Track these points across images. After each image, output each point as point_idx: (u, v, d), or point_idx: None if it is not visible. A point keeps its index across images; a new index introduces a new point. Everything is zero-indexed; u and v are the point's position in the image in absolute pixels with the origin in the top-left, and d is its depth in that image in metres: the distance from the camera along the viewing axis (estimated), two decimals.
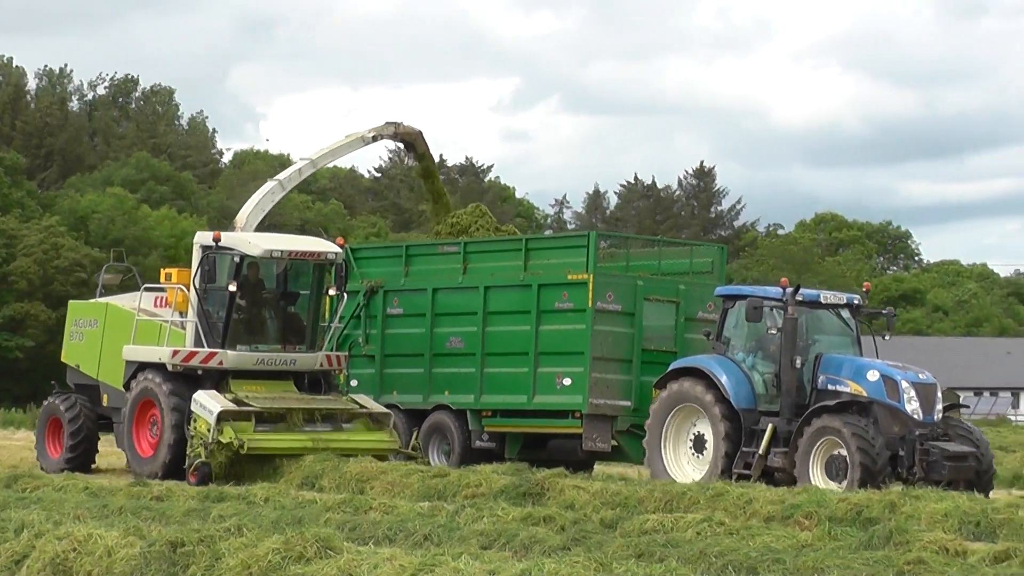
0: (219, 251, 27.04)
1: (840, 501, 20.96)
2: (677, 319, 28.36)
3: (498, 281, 28.96)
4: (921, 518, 19.86)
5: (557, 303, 28.08)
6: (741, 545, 16.76)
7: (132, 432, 27.42)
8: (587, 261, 27.81)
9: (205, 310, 27.18)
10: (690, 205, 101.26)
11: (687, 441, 26.32)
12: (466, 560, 13.03)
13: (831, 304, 26.39)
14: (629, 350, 27.89)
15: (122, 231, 76.43)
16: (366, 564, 13.18)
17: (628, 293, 27.94)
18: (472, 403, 28.72)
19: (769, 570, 15.03)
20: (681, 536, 17.84)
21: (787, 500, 21.20)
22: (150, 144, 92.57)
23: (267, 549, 13.74)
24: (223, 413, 25.79)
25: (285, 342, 27.80)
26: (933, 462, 24.45)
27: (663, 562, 14.15)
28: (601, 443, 27.70)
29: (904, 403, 24.88)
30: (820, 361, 25.66)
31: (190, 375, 27.05)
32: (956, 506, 20.16)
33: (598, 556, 13.94)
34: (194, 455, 25.74)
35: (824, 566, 15.00)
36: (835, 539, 17.65)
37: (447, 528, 18.43)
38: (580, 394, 27.56)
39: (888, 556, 15.75)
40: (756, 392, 25.83)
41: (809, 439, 24.68)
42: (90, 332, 29.48)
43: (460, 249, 29.77)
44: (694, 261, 29.74)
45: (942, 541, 17.10)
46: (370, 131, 31.88)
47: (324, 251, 27.61)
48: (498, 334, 28.85)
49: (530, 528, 18.26)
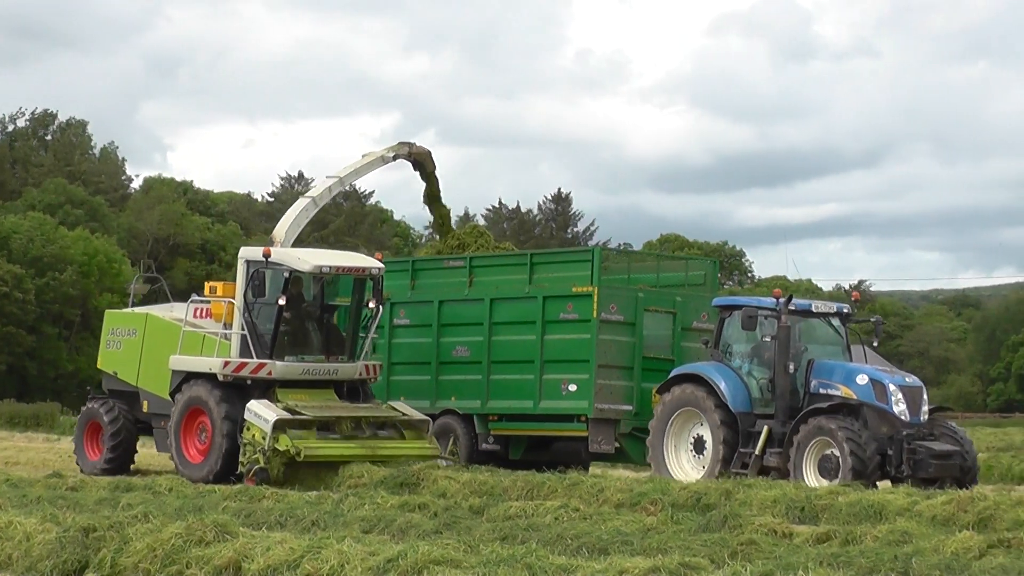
0: (269, 266, 27.46)
1: (681, 489, 22.24)
2: (674, 328, 29.44)
3: (503, 293, 29.94)
4: (753, 504, 21.23)
5: (562, 314, 29.06)
6: (594, 528, 17.73)
7: (180, 439, 27.85)
8: (592, 274, 28.83)
9: (253, 322, 27.64)
10: (549, 227, 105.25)
11: (688, 442, 27.10)
12: (349, 543, 13.64)
13: (822, 313, 27.21)
14: (631, 358, 28.92)
15: (41, 250, 78.64)
16: (259, 547, 13.84)
17: (630, 304, 28.98)
18: (479, 408, 29.69)
19: (619, 551, 15.67)
20: (541, 521, 18.99)
21: (635, 488, 22.58)
22: (66, 171, 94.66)
23: (170, 534, 14.42)
24: (279, 422, 26.16)
25: (328, 353, 28.27)
26: (920, 460, 25.10)
27: (525, 544, 14.77)
28: (605, 445, 28.65)
29: (892, 405, 25.59)
30: (812, 366, 26.45)
31: (239, 385, 27.48)
32: (784, 493, 21.56)
33: (467, 539, 14.67)
34: (251, 461, 26.09)
35: (667, 547, 15.76)
36: (677, 523, 18.68)
37: (332, 514, 19.69)
38: (586, 399, 28.56)
39: (723, 538, 16.66)
40: (752, 396, 26.59)
41: (803, 440, 25.43)
42: (129, 341, 29.88)
43: (466, 264, 30.75)
44: (689, 274, 30.88)
45: (771, 524, 18.23)
46: (388, 150, 32.34)
47: (369, 266, 28.22)
48: (503, 343, 29.81)
49: (407, 514, 19.55)
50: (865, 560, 15.01)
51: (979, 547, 16.12)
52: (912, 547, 16.29)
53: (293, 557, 13.42)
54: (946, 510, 20.00)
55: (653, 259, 31.07)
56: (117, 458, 29.60)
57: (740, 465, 26.11)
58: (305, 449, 25.97)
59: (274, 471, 25.90)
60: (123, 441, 29.66)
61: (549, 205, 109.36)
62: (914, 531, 17.73)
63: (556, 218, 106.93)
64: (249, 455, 26.18)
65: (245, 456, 26.29)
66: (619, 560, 12.11)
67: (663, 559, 11.96)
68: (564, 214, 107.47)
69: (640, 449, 28.32)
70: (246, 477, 25.90)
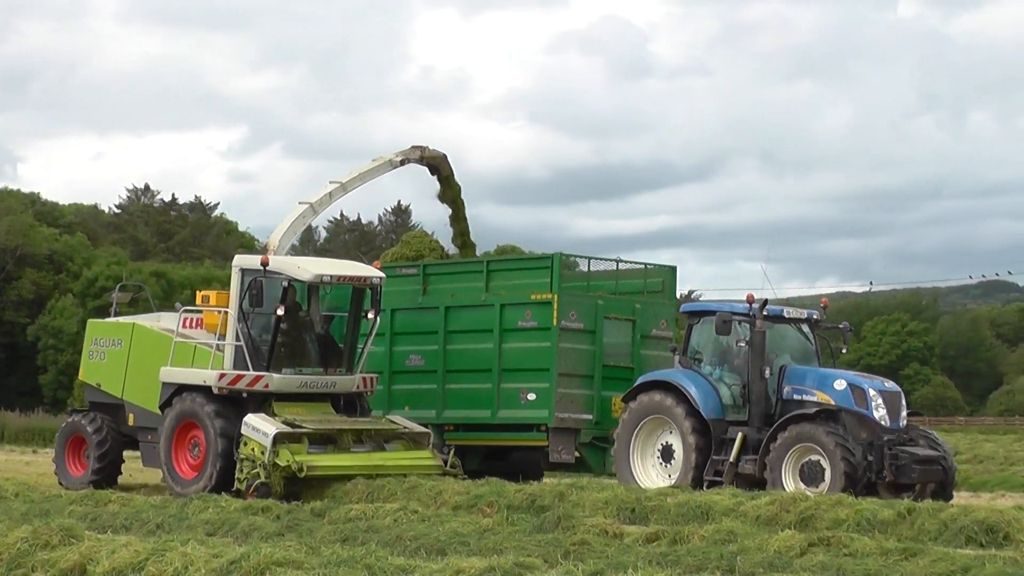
0: (267, 275, 26.40)
1: (517, 491, 22.58)
2: (634, 336, 29.11)
3: (459, 301, 29.39)
4: (585, 506, 21.62)
5: (520, 322, 28.58)
6: (432, 530, 18.31)
7: (171, 454, 26.89)
8: (551, 282, 28.36)
9: (249, 333, 26.69)
10: (389, 238, 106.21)
11: (655, 451, 26.55)
12: (193, 545, 13.86)
13: (793, 319, 26.75)
14: (591, 366, 28.53)
15: None
16: (105, 550, 13.98)
17: (589, 312, 28.59)
18: (433, 418, 28.95)
19: (456, 551, 16.03)
20: (381, 523, 19.43)
21: (472, 491, 22.93)
22: None
23: (16, 538, 14.49)
24: (278, 436, 25.32)
25: (326, 365, 27.37)
26: (903, 466, 24.70)
27: (365, 545, 15.29)
28: (566, 455, 28.22)
29: (872, 410, 25.14)
30: (784, 372, 26.00)
31: (234, 398, 26.51)
32: (615, 495, 21.99)
33: (308, 541, 15.37)
34: (251, 476, 25.13)
35: (502, 547, 16.14)
36: (512, 524, 19.25)
37: (177, 518, 19.94)
38: (546, 408, 28.14)
39: (557, 538, 17.27)
40: (724, 403, 26.07)
41: (782, 446, 24.92)
42: (113, 352, 28.81)
43: (420, 271, 30.09)
44: (647, 281, 30.35)
45: (603, 525, 18.78)
46: (397, 155, 31.09)
47: (369, 275, 27.35)
48: (459, 352, 29.28)
49: (250, 517, 19.80)
50: (692, 559, 15.49)
51: (800, 545, 16.79)
52: (737, 546, 16.91)
53: (138, 560, 13.56)
54: (769, 510, 20.68)
55: (612, 266, 30.58)
56: (103, 472, 28.53)
57: (713, 472, 25.71)
58: (307, 465, 25.15)
59: (276, 486, 25.07)
60: (110, 455, 28.63)
61: (389, 217, 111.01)
62: (739, 530, 18.29)
63: (396, 230, 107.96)
64: (248, 470, 25.36)
65: (243, 472, 25.47)
66: (456, 560, 12.36)
67: (498, 559, 12.23)
68: (404, 226, 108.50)
69: (600, 458, 28.20)
70: (246, 493, 24.95)
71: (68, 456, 29.20)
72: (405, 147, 31.41)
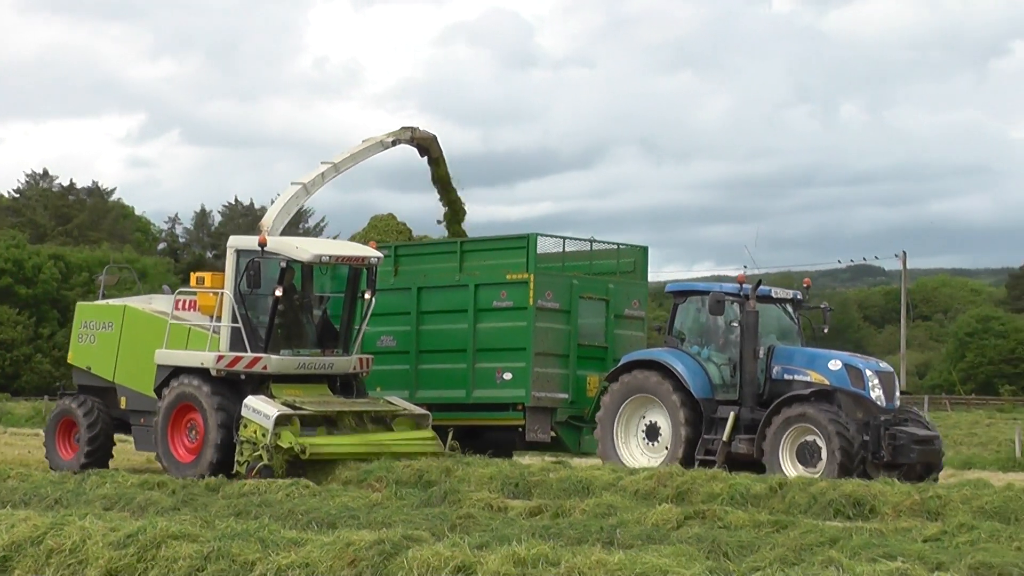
0: (265, 256, 25.98)
1: (405, 467, 23.25)
2: (607, 316, 29.18)
3: (432, 282, 29.24)
4: (471, 480, 22.34)
5: (495, 302, 28.49)
6: (323, 504, 18.89)
7: (167, 437, 26.36)
8: (527, 261, 28.33)
9: (246, 315, 26.25)
10: None
11: (640, 430, 26.45)
12: (91, 519, 13.90)
13: (779, 299, 26.79)
14: (566, 345, 28.56)
15: None
16: (4, 524, 13.94)
17: (565, 292, 28.62)
18: (406, 398, 28.44)
19: (346, 524, 16.39)
20: (273, 497, 20.03)
21: (362, 467, 23.62)
22: None
23: None
24: (280, 418, 24.97)
25: (323, 346, 27.07)
26: (901, 446, 24.76)
27: (258, 519, 15.46)
28: (542, 434, 28.18)
29: (868, 390, 25.14)
30: (773, 352, 25.96)
31: (231, 380, 26.13)
32: (499, 470, 22.73)
33: (203, 514, 15.79)
34: (253, 459, 24.79)
35: (391, 521, 16.60)
36: (401, 498, 19.99)
37: (75, 493, 20.34)
38: (523, 387, 28.07)
39: (444, 512, 17.93)
40: (713, 382, 26.00)
41: (779, 427, 24.83)
42: (104, 335, 28.31)
43: (391, 253, 29.75)
44: (620, 261, 30.36)
45: (488, 499, 19.56)
46: (388, 135, 30.89)
47: (368, 255, 27.06)
48: (432, 332, 29.13)
49: (146, 492, 20.36)
50: (574, 531, 16.04)
51: (677, 518, 17.51)
52: (617, 519, 17.58)
53: (36, 534, 13.61)
54: (647, 485, 21.41)
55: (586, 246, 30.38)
56: (95, 456, 28.01)
57: (704, 452, 25.60)
58: (311, 447, 24.85)
59: (278, 468, 24.68)
60: (101, 438, 28.15)
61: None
62: (619, 504, 19.19)
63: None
64: (248, 453, 25.01)
65: (243, 454, 25.09)
66: (346, 534, 12.46)
67: (387, 532, 12.33)
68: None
69: (576, 437, 28.27)
70: (247, 475, 24.47)
71: (59, 439, 28.73)
72: (395, 128, 31.48)
